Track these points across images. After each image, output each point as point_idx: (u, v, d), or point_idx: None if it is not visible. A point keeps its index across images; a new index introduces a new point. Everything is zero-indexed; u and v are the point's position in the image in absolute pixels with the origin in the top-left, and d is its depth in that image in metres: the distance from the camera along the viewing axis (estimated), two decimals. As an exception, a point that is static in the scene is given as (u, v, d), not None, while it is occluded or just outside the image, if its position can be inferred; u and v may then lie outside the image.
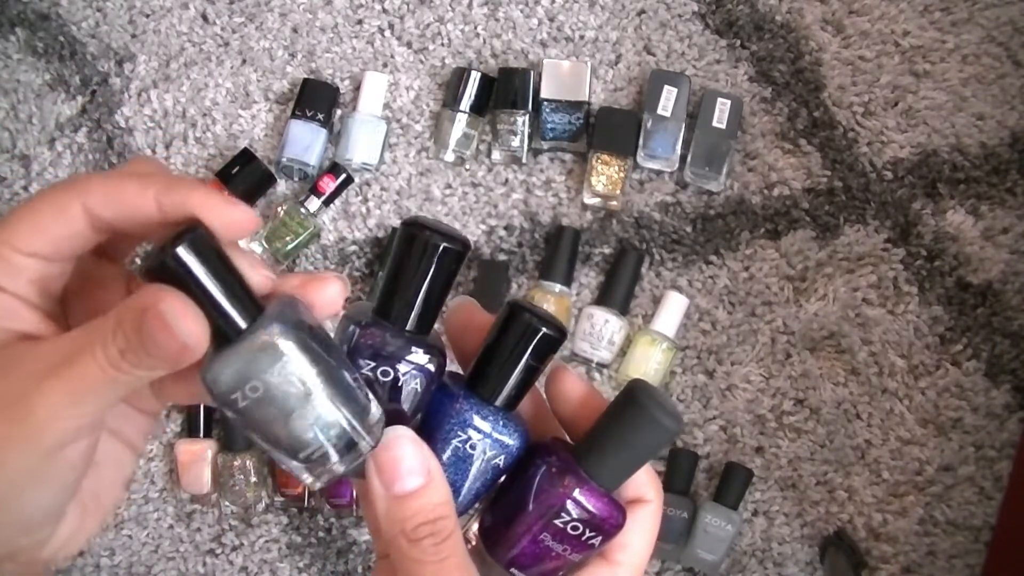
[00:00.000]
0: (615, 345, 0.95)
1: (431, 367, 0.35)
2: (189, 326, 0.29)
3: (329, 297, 0.34)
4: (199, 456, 0.97)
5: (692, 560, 0.93)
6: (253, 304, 0.31)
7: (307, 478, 0.33)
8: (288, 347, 0.31)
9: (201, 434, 0.98)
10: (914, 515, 0.94)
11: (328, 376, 0.32)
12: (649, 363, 0.94)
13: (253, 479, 0.97)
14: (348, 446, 0.33)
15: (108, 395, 0.30)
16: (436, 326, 0.37)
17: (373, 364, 0.35)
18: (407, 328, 0.36)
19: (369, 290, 0.99)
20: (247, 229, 0.32)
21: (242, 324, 0.31)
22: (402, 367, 0.35)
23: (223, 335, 0.31)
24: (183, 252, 0.30)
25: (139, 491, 1.00)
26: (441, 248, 0.35)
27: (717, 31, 1.01)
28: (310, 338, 0.31)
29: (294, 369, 0.31)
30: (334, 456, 0.33)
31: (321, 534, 0.99)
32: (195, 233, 0.30)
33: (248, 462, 0.96)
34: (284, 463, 0.33)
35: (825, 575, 0.94)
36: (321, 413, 0.32)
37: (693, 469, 0.95)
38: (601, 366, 0.97)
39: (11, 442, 0.30)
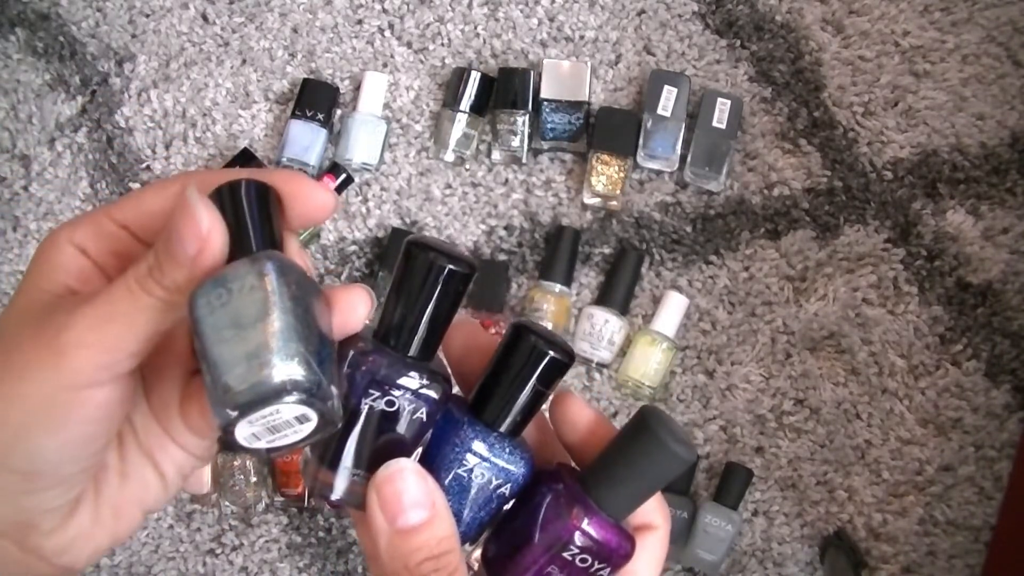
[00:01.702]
0: (615, 345, 0.95)
1: (435, 395, 0.34)
2: (209, 215, 0.29)
3: (351, 303, 0.33)
4: (199, 456, 0.97)
5: (692, 560, 0.93)
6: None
7: (225, 414, 0.30)
8: (270, 270, 0.29)
9: (201, 434, 0.98)
10: (914, 515, 0.94)
11: (290, 323, 0.29)
12: (649, 363, 0.94)
13: (253, 479, 0.97)
14: (262, 399, 0.29)
15: (133, 322, 0.30)
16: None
17: (375, 393, 0.33)
18: (410, 354, 0.34)
19: (369, 290, 0.99)
20: (325, 209, 0.33)
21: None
22: (405, 396, 0.33)
23: None
24: (240, 187, 0.31)
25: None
26: (447, 270, 0.33)
27: (717, 31, 1.01)
28: (296, 285, 0.30)
29: (262, 293, 0.29)
30: (249, 398, 0.29)
31: (321, 534, 0.99)
32: (259, 184, 0.31)
33: (248, 462, 0.96)
34: (212, 394, 0.30)
35: (825, 575, 0.94)
36: (260, 349, 0.29)
37: (693, 469, 0.95)
38: (601, 366, 0.97)
39: (33, 369, 0.30)
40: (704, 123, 0.96)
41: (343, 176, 0.98)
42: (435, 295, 0.33)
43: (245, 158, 0.99)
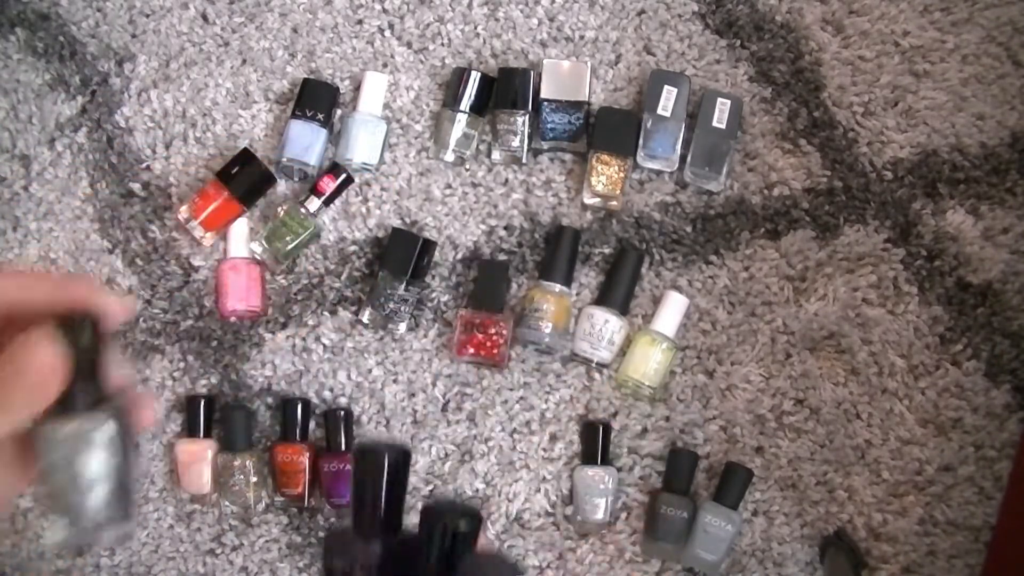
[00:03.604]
0: (615, 345, 0.95)
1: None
2: (53, 354, 0.35)
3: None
4: (199, 456, 0.97)
5: (692, 560, 0.93)
6: (99, 389, 0.39)
7: (58, 530, 0.39)
8: (108, 435, 0.38)
9: (201, 434, 0.98)
10: (914, 515, 0.94)
11: (114, 485, 0.39)
12: (649, 363, 0.94)
13: (253, 479, 0.96)
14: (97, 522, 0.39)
15: None
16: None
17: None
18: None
19: (369, 290, 0.99)
20: (127, 314, 0.40)
21: (83, 404, 0.38)
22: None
23: (69, 404, 0.38)
24: (77, 321, 0.38)
25: (139, 491, 1.00)
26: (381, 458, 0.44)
27: (717, 31, 1.01)
28: (125, 437, 0.39)
29: (99, 454, 0.38)
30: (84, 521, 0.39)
31: (321, 534, 0.99)
32: (94, 319, 0.38)
33: (248, 462, 0.96)
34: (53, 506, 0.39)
35: (825, 575, 0.94)
36: (93, 490, 0.39)
37: (693, 469, 0.95)
38: (601, 366, 0.97)
39: None
40: (704, 123, 0.96)
41: (343, 176, 0.98)
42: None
43: (245, 158, 0.99)
